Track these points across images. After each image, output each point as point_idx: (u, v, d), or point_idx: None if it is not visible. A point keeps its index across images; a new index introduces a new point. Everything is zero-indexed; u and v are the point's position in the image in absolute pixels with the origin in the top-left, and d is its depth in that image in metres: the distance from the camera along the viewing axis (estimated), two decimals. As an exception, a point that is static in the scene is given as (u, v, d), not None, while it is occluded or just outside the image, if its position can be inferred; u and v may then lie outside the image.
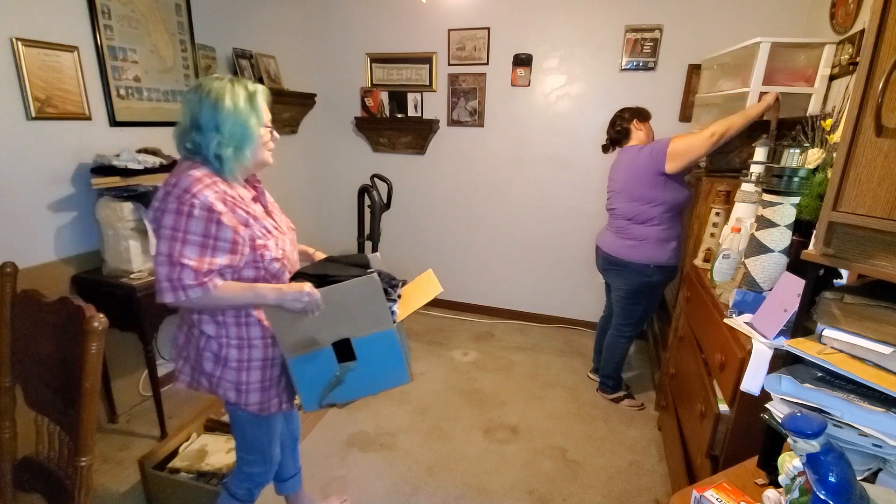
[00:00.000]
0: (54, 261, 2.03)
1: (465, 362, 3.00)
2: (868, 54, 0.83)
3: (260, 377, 1.27)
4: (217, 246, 1.11)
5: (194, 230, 1.08)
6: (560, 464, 2.14)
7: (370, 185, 2.80)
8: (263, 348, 1.27)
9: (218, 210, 1.10)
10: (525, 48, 3.10)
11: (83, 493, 0.99)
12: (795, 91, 2.07)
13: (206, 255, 1.10)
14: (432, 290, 1.52)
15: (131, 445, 2.18)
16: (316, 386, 1.32)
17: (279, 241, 1.26)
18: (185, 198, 1.07)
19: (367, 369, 1.32)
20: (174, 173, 1.14)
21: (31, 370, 1.11)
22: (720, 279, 1.72)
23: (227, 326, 1.23)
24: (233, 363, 1.23)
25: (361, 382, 1.35)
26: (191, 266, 1.08)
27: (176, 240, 1.08)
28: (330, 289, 1.22)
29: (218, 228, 1.10)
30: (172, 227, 1.08)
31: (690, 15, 2.76)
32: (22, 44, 1.82)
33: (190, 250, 1.08)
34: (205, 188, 1.10)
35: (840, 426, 0.84)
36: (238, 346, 1.24)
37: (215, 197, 1.11)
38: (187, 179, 1.09)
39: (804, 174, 1.36)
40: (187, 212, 1.07)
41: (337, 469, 2.07)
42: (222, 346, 1.23)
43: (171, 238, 1.08)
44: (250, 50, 2.92)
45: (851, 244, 0.88)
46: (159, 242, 1.09)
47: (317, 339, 1.26)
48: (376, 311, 1.26)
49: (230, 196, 1.16)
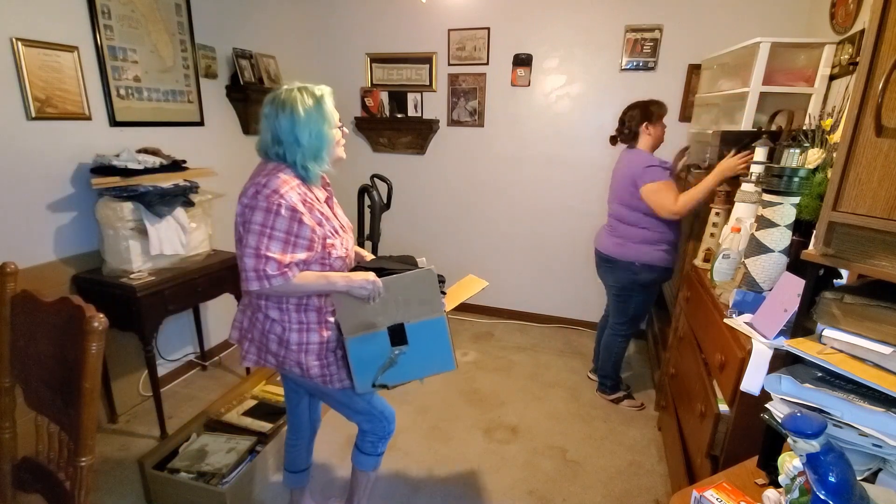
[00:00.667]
0: (54, 261, 2.03)
1: (465, 362, 3.00)
2: (868, 54, 0.83)
3: (317, 359, 1.39)
4: (297, 243, 1.26)
5: (280, 227, 1.22)
6: (560, 464, 2.14)
7: (370, 185, 2.80)
8: (319, 331, 1.38)
9: (300, 210, 1.25)
10: (525, 48, 3.10)
11: (83, 493, 0.99)
12: (795, 91, 2.07)
13: (287, 251, 1.24)
14: (477, 284, 1.71)
15: (131, 445, 2.18)
16: (370, 367, 1.43)
17: (343, 240, 1.41)
18: (274, 198, 1.21)
19: (417, 353, 1.46)
20: (262, 173, 1.28)
21: (31, 370, 1.11)
22: (720, 279, 1.72)
23: (289, 312, 1.35)
24: (293, 346, 1.36)
25: (412, 366, 1.47)
26: (275, 259, 1.22)
27: (263, 235, 1.22)
28: (392, 278, 1.37)
29: (299, 227, 1.25)
30: (262, 223, 1.22)
31: (690, 15, 2.76)
32: (22, 44, 1.82)
33: (275, 245, 1.22)
34: (290, 190, 1.25)
35: (840, 426, 0.84)
36: (298, 330, 1.36)
37: (298, 198, 1.25)
38: (276, 181, 1.24)
39: (804, 174, 1.36)
40: (275, 210, 1.21)
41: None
42: (285, 329, 1.35)
43: (260, 233, 1.22)
44: (250, 50, 2.92)
45: (851, 244, 0.88)
46: (248, 236, 1.22)
47: (375, 323, 1.40)
48: (431, 299, 1.42)
49: (309, 198, 1.31)
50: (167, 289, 2.07)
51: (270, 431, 2.07)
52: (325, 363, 1.40)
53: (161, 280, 2.05)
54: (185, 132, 2.57)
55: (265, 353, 1.40)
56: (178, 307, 2.16)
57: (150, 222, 2.03)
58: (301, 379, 1.43)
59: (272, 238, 1.22)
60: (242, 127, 2.98)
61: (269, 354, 1.40)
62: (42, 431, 1.12)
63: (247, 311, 1.43)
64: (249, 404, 2.27)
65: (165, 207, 2.08)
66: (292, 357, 1.36)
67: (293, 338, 1.35)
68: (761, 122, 2.21)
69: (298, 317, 1.36)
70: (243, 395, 2.35)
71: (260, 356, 1.42)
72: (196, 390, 2.62)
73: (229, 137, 2.90)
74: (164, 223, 2.07)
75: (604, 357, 2.56)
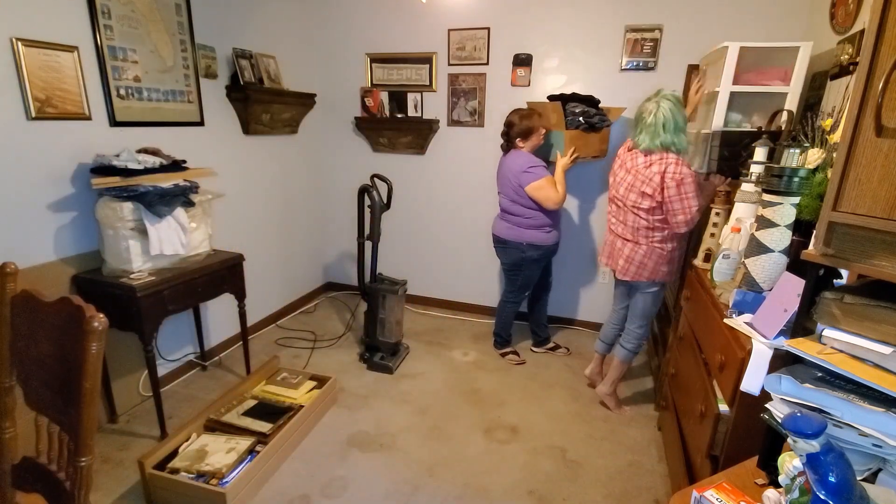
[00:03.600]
0: (54, 261, 2.02)
1: (465, 362, 3.00)
2: (868, 54, 0.83)
3: (670, 266, 2.25)
4: (697, 195, 2.06)
5: (693, 189, 2.03)
6: (560, 464, 2.14)
7: (370, 185, 2.80)
8: (672, 251, 2.22)
9: (693, 176, 2.06)
10: (525, 48, 3.10)
11: (83, 493, 0.99)
12: (771, 90, 2.18)
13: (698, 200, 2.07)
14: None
15: (131, 445, 2.18)
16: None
17: None
18: (687, 171, 2.02)
19: None
20: (669, 161, 2.02)
21: (31, 370, 1.11)
22: (720, 279, 1.72)
23: (667, 242, 2.19)
24: (665, 262, 2.22)
25: None
26: (697, 207, 2.05)
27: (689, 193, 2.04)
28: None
29: (695, 186, 2.04)
30: (689, 186, 2.02)
31: (690, 15, 2.76)
32: (22, 44, 1.82)
33: (695, 200, 2.04)
34: (685, 165, 2.03)
35: (840, 426, 0.84)
36: (670, 251, 2.20)
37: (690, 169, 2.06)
38: (683, 164, 2.03)
39: (804, 174, 1.36)
40: (689, 180, 2.02)
41: (337, 469, 2.07)
42: (665, 251, 2.19)
43: (692, 193, 2.04)
44: (250, 50, 2.92)
45: (851, 244, 0.88)
46: (690, 199, 2.03)
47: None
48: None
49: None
50: (167, 289, 2.07)
51: (270, 431, 2.07)
52: (673, 268, 2.28)
53: (161, 280, 2.05)
54: (185, 132, 2.57)
55: (644, 270, 2.23)
56: (178, 307, 2.16)
57: (150, 222, 2.03)
58: (655, 285, 2.28)
59: (695, 196, 2.05)
60: (242, 127, 2.98)
61: (645, 270, 2.23)
62: (42, 431, 1.12)
63: (638, 249, 2.22)
64: (249, 404, 2.27)
65: (165, 207, 2.08)
66: (664, 268, 2.23)
67: (668, 256, 2.21)
68: (736, 120, 2.27)
69: (669, 245, 2.20)
70: (243, 395, 2.35)
71: (638, 272, 2.24)
72: (196, 390, 2.62)
73: (229, 137, 2.90)
74: (164, 223, 2.07)
75: (497, 319, 3.08)
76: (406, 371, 2.88)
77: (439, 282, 3.79)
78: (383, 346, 2.90)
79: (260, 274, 3.23)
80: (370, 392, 2.64)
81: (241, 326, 2.62)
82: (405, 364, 2.96)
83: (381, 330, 2.88)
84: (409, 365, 2.95)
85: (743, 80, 2.18)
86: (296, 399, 2.34)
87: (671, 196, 2.03)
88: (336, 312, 3.72)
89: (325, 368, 2.85)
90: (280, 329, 3.41)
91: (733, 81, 2.17)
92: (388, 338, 2.89)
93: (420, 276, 3.78)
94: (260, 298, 3.26)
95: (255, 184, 3.16)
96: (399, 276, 3.01)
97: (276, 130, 3.24)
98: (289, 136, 3.41)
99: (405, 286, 2.88)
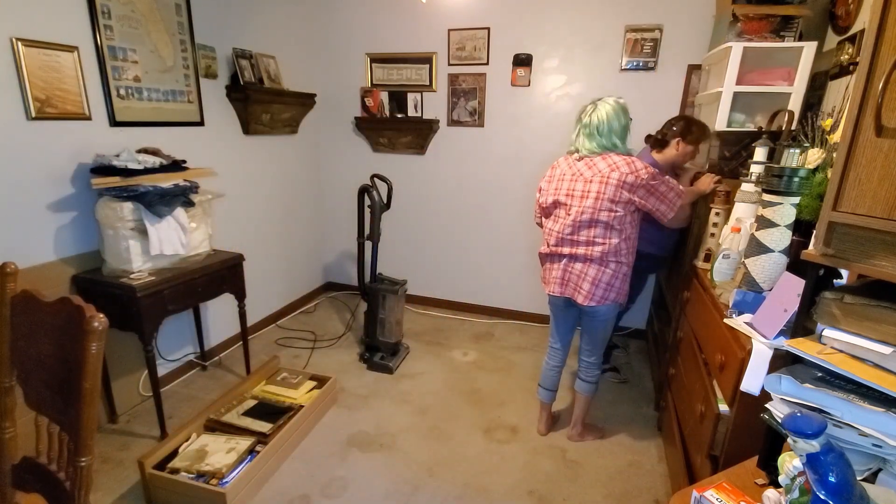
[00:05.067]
0: (54, 261, 2.02)
1: (465, 362, 3.00)
2: (868, 54, 0.83)
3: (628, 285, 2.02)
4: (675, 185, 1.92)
5: (665, 178, 1.89)
6: (560, 464, 2.14)
7: (370, 185, 2.80)
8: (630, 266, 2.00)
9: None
10: (525, 48, 3.10)
11: (83, 493, 0.99)
12: (774, 91, 2.17)
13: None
14: None
15: (131, 445, 2.18)
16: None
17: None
18: (648, 165, 1.87)
19: None
20: (629, 159, 1.85)
21: (31, 370, 1.11)
22: (720, 279, 1.72)
23: (630, 255, 1.96)
24: (627, 280, 1.98)
25: None
26: (680, 196, 1.91)
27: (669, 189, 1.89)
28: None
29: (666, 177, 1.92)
30: (660, 177, 1.87)
31: (690, 15, 2.76)
32: (22, 44, 1.82)
33: (675, 190, 1.89)
34: (641, 161, 1.90)
35: (840, 426, 0.84)
36: (629, 266, 1.97)
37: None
38: (639, 160, 1.86)
39: (804, 174, 1.36)
40: (656, 171, 1.87)
41: (337, 469, 2.07)
42: (629, 267, 1.96)
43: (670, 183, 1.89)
44: (250, 50, 2.92)
45: (851, 244, 0.88)
46: (669, 194, 1.88)
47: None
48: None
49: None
50: (167, 289, 2.07)
51: (270, 431, 2.07)
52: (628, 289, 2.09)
53: (161, 280, 2.05)
54: (185, 132, 2.57)
55: (609, 292, 1.97)
56: (178, 307, 2.16)
57: (150, 222, 2.03)
58: (613, 309, 2.04)
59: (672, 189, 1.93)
60: (242, 127, 2.98)
61: (611, 291, 1.98)
62: (42, 431, 1.12)
63: (605, 268, 1.93)
64: (249, 404, 2.27)
65: (165, 207, 2.08)
66: (624, 288, 2.02)
67: (628, 274, 2.01)
68: (739, 120, 2.26)
69: (631, 259, 2.01)
70: (243, 395, 2.35)
71: (604, 296, 1.96)
72: (196, 390, 2.62)
73: (229, 137, 2.90)
74: (164, 223, 2.07)
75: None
76: (406, 371, 2.88)
77: (439, 282, 3.79)
78: (383, 346, 2.90)
79: (260, 274, 3.23)
80: (370, 392, 2.64)
81: (241, 326, 2.62)
82: (405, 364, 2.96)
83: (381, 330, 2.88)
84: (409, 365, 2.95)
85: (746, 80, 2.17)
86: (296, 399, 2.34)
87: (653, 191, 1.83)
88: (336, 312, 3.72)
89: (325, 368, 2.85)
90: (280, 329, 3.41)
91: (737, 82, 2.16)
92: (388, 338, 2.89)
93: (420, 276, 3.78)
94: (260, 298, 3.26)
95: (255, 184, 3.16)
96: (399, 275, 3.01)
97: (276, 130, 3.25)
98: (289, 136, 3.41)
99: (405, 286, 2.88)
